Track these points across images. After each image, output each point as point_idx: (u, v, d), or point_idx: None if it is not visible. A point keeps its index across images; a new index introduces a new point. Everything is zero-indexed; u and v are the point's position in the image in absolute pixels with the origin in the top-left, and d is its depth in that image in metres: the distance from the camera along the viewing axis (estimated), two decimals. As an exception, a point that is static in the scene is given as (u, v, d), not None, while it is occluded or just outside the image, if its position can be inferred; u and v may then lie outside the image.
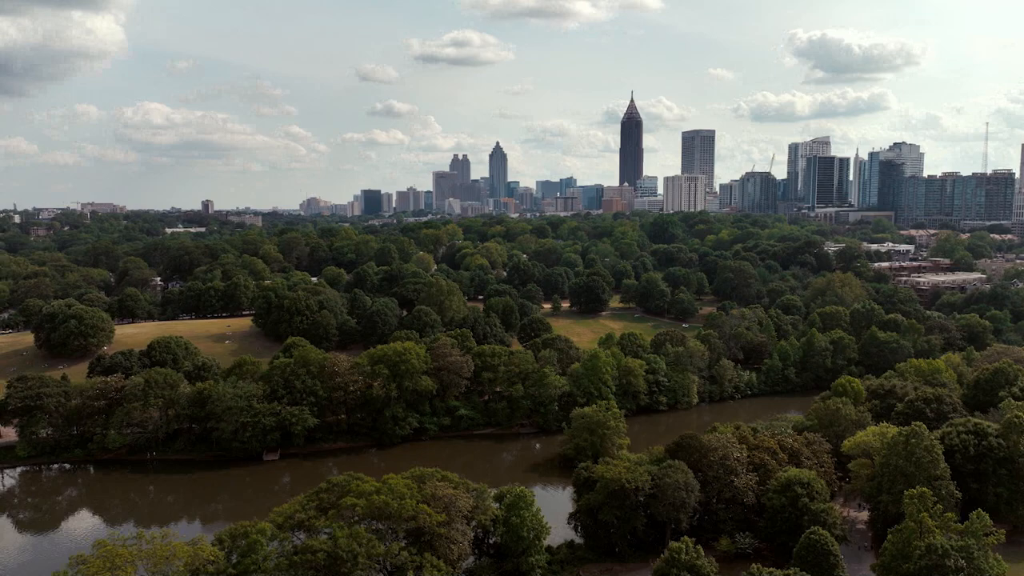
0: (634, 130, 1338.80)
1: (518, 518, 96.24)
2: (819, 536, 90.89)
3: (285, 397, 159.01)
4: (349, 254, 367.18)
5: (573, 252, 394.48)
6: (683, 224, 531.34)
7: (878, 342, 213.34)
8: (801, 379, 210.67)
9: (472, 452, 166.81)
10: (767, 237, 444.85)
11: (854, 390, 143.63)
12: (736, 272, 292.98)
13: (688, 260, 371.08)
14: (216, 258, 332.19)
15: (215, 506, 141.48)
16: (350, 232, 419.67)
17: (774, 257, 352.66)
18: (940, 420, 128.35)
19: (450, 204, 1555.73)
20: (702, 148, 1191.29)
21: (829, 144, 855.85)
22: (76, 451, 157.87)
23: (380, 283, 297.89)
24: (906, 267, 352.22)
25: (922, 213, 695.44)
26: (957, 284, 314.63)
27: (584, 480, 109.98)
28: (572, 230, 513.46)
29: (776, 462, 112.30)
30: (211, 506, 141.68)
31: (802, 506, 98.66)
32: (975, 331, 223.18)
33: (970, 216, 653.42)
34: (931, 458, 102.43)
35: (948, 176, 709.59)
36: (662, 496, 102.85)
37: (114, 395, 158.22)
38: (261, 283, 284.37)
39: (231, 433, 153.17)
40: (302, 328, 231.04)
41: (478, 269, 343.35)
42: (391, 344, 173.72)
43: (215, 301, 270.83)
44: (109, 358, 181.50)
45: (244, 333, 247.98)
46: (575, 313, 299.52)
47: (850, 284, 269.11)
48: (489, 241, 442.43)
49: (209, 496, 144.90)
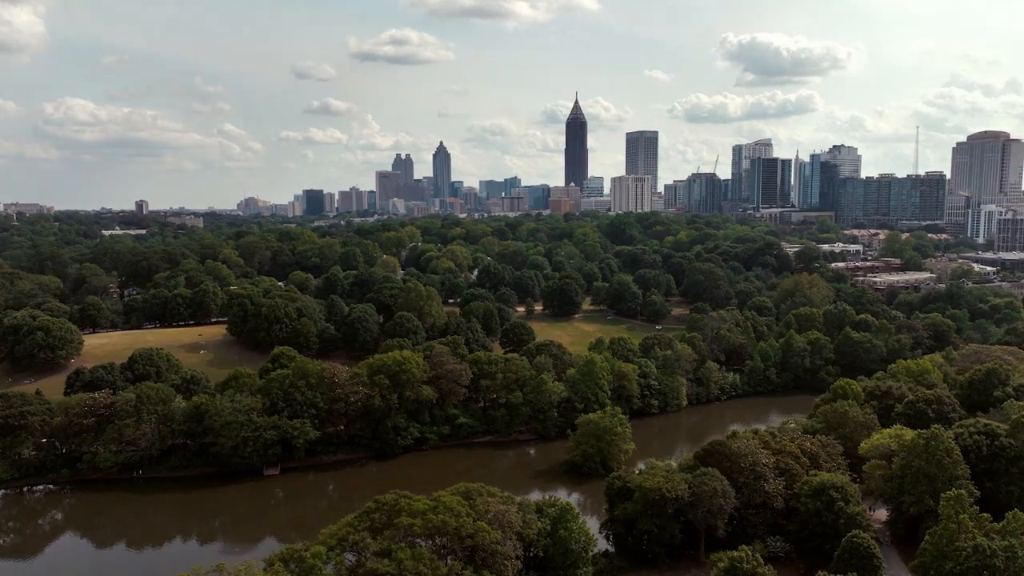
0: (579, 131, 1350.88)
1: (566, 531, 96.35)
2: (861, 539, 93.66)
3: (285, 410, 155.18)
4: (313, 258, 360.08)
5: (538, 254, 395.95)
6: (638, 225, 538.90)
7: (852, 342, 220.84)
8: (781, 379, 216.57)
9: (475, 461, 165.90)
10: (723, 238, 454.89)
11: (853, 392, 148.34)
12: (706, 274, 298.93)
13: (652, 262, 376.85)
14: (177, 264, 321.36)
15: (225, 525, 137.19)
16: (312, 236, 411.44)
17: (736, 258, 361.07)
18: (941, 420, 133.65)
19: (394, 204, 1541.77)
20: (646, 149, 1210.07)
21: (771, 146, 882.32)
22: (63, 471, 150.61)
23: (351, 288, 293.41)
24: (861, 267, 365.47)
25: (861, 213, 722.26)
26: (911, 284, 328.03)
27: (618, 489, 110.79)
28: (531, 231, 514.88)
29: (799, 466, 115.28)
30: (220, 524, 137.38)
31: (838, 510, 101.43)
32: (940, 330, 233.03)
33: (906, 216, 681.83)
34: (951, 459, 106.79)
35: (884, 177, 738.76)
36: (700, 504, 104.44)
37: (103, 412, 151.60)
38: (229, 290, 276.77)
39: (231, 449, 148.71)
40: (281, 336, 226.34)
41: (447, 272, 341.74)
42: (390, 353, 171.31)
43: (182, 309, 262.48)
44: (89, 372, 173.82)
45: (218, 342, 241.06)
46: (548, 316, 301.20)
47: (817, 285, 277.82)
48: (452, 244, 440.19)
49: (213, 514, 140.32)
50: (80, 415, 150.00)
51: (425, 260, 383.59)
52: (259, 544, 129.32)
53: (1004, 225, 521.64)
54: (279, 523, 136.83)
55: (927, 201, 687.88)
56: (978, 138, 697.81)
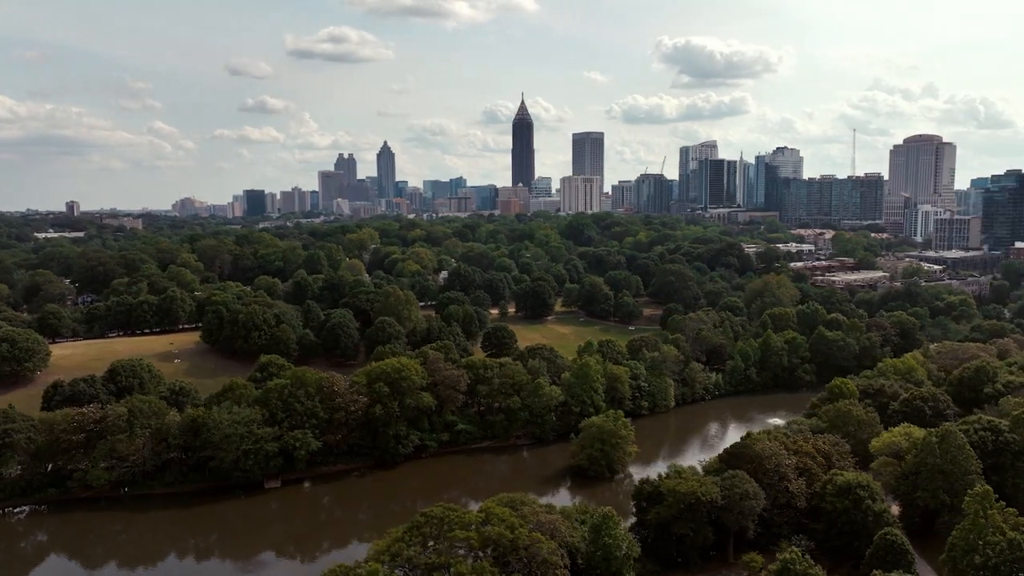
0: (525, 131, 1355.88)
1: (610, 538, 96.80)
2: (895, 536, 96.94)
3: (285, 421, 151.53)
4: (276, 262, 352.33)
5: (502, 256, 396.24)
6: (595, 226, 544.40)
7: (826, 341, 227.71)
8: (761, 378, 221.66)
9: (477, 467, 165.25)
10: (682, 238, 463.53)
11: (849, 391, 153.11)
12: (677, 275, 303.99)
13: (616, 263, 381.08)
14: (136, 269, 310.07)
15: (227, 540, 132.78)
16: (273, 239, 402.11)
17: (699, 259, 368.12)
18: (937, 417, 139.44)
19: (338, 204, 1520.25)
20: (592, 150, 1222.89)
21: (716, 148, 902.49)
22: (49, 491, 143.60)
23: (321, 293, 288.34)
24: (819, 267, 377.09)
25: (804, 213, 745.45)
26: (867, 282, 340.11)
27: (648, 494, 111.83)
28: (491, 233, 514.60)
29: (816, 466, 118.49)
30: (221, 540, 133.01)
31: (866, 508, 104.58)
32: (905, 328, 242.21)
33: (847, 216, 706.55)
34: (965, 455, 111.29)
35: (825, 178, 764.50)
36: (732, 506, 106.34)
37: (92, 427, 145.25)
38: (199, 296, 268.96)
39: (231, 462, 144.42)
40: (260, 344, 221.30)
41: (416, 275, 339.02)
42: (388, 360, 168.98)
43: (149, 316, 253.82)
44: (69, 386, 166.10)
45: (191, 350, 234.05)
46: (521, 318, 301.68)
47: (785, 285, 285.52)
48: (413, 245, 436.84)
49: (212, 530, 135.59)
50: (68, 431, 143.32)
51: (390, 263, 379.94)
52: (264, 561, 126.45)
53: (941, 224, 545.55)
54: (286, 538, 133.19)
55: (867, 201, 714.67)
56: (913, 141, 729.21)
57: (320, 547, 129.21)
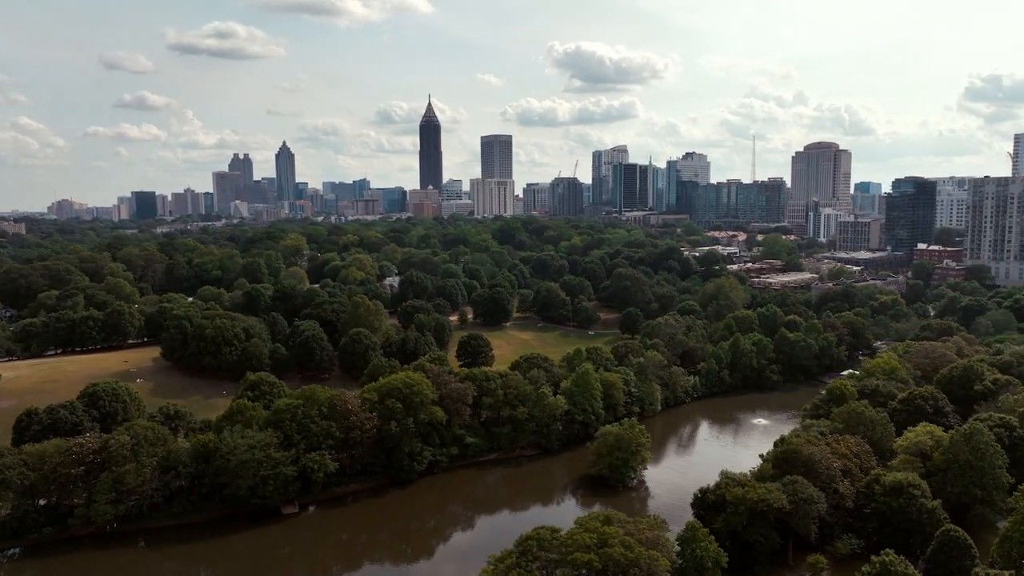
0: (432, 133, 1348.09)
1: (701, 549, 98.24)
2: (957, 533, 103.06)
3: (302, 443, 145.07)
4: (214, 271, 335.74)
5: (445, 262, 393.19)
6: (524, 230, 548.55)
7: (789, 342, 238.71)
8: (733, 379, 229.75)
9: (491, 481, 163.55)
10: (615, 242, 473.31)
11: (848, 391, 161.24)
12: (632, 280, 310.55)
13: (559, 267, 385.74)
14: (64, 281, 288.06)
15: (255, 573, 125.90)
16: (209, 248, 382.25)
17: (642, 263, 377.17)
18: (938, 415, 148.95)
19: (236, 207, 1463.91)
20: (501, 152, 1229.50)
21: (627, 152, 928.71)
22: (45, 530, 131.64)
23: (273, 303, 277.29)
24: (753, 269, 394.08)
25: (714, 215, 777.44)
26: (801, 284, 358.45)
27: (711, 503, 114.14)
28: (423, 238, 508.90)
29: (855, 466, 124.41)
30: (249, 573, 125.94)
31: (920, 506, 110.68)
32: (855, 327, 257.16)
33: (754, 218, 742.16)
34: (993, 451, 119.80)
35: (732, 183, 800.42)
36: (798, 511, 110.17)
37: (93, 458, 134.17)
38: (143, 310, 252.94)
39: (248, 489, 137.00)
40: (231, 360, 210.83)
41: (364, 284, 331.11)
42: (398, 374, 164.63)
43: (94, 333, 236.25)
44: (46, 414, 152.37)
45: (151, 368, 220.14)
46: (480, 325, 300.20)
47: (736, 288, 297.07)
48: (349, 252, 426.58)
49: (238, 561, 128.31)
50: (67, 464, 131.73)
51: (330, 270, 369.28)
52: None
53: (844, 227, 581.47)
54: (321, 568, 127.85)
55: (771, 205, 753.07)
56: (813, 148, 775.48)
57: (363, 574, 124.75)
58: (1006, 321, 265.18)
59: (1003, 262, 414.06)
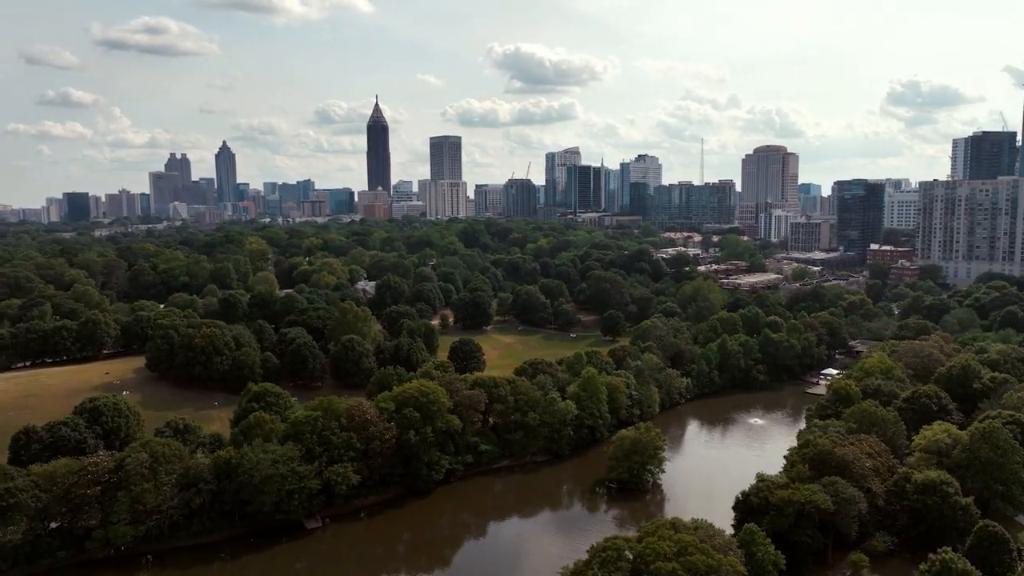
0: (381, 133, 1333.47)
1: (762, 552, 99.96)
2: (995, 528, 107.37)
3: (324, 455, 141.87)
4: (182, 277, 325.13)
5: (413, 264, 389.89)
6: (487, 232, 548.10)
7: (773, 342, 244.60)
8: (722, 380, 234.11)
9: (508, 488, 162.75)
10: (580, 244, 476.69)
11: (853, 392, 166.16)
12: (612, 282, 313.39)
13: (531, 270, 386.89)
14: (25, 290, 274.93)
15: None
16: (175, 253, 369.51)
17: (613, 265, 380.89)
18: (943, 413, 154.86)
19: (175, 208, 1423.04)
20: (451, 154, 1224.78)
21: (579, 154, 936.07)
22: (60, 554, 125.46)
23: (251, 310, 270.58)
24: (720, 270, 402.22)
25: (667, 216, 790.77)
26: (769, 284, 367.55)
27: (755, 505, 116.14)
28: (386, 240, 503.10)
29: (881, 465, 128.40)
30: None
31: (954, 503, 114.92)
32: (832, 327, 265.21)
33: (706, 219, 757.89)
34: (1012, 447, 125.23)
35: (683, 184, 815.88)
36: (840, 511, 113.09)
37: (108, 477, 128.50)
38: (118, 319, 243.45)
39: (273, 504, 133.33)
40: (222, 370, 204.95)
41: (338, 289, 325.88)
42: (412, 383, 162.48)
43: (69, 343, 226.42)
44: (46, 432, 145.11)
45: (135, 380, 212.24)
46: (461, 329, 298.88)
47: (714, 290, 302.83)
48: (314, 255, 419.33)
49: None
50: (82, 484, 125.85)
51: (300, 275, 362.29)
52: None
53: (796, 228, 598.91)
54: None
55: (722, 206, 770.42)
56: (763, 151, 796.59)
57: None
58: (970, 319, 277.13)
59: (952, 262, 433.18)
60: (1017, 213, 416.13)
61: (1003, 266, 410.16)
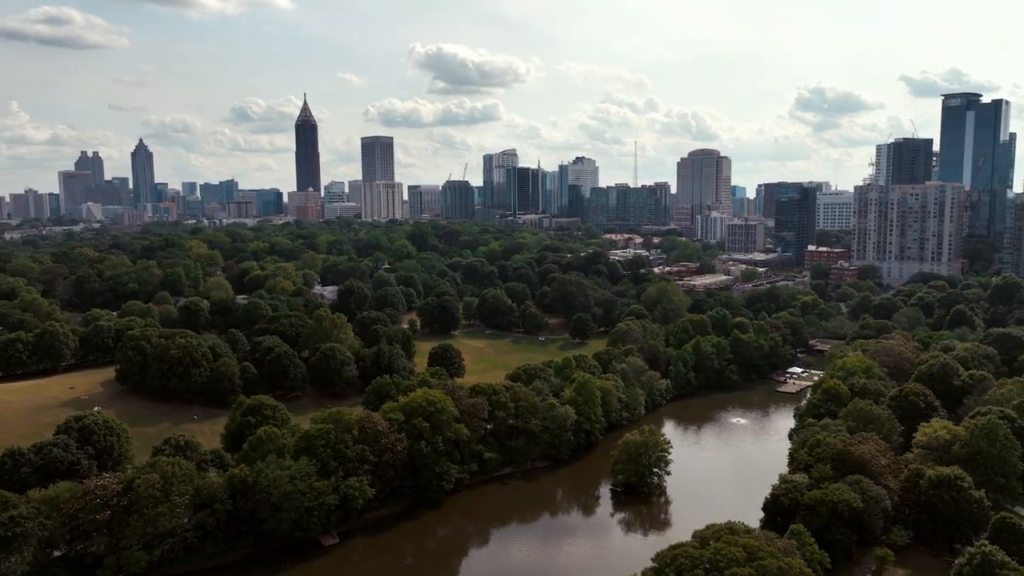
0: (310, 133, 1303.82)
1: (809, 552, 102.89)
2: (1012, 519, 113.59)
3: (340, 469, 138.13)
4: (131, 284, 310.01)
5: (368, 268, 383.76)
6: (435, 234, 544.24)
7: (743, 343, 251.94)
8: (698, 381, 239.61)
9: (515, 495, 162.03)
10: (531, 247, 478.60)
11: (844, 392, 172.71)
12: (577, 285, 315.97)
13: (489, 273, 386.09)
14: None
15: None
16: (121, 259, 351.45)
17: (571, 267, 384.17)
18: (929, 409, 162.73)
19: (89, 209, 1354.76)
20: (383, 155, 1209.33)
21: (516, 156, 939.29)
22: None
23: (213, 317, 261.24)
24: (673, 272, 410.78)
25: (605, 218, 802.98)
26: (721, 285, 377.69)
27: (787, 506, 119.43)
28: (333, 243, 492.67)
29: (890, 462, 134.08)
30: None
31: (969, 497, 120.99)
32: (795, 327, 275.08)
33: (643, 221, 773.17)
34: (1011, 442, 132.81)
35: (621, 187, 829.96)
36: (868, 509, 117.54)
37: (117, 501, 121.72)
38: (76, 329, 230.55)
39: (292, 522, 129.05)
40: (200, 382, 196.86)
41: (298, 294, 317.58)
42: (418, 392, 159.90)
43: (25, 357, 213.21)
44: (35, 454, 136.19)
45: (104, 394, 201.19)
46: (429, 334, 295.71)
47: (677, 292, 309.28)
48: (264, 260, 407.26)
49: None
50: (90, 510, 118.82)
51: (253, 280, 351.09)
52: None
53: (734, 229, 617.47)
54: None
55: (659, 207, 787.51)
56: (697, 154, 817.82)
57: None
58: (917, 318, 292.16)
59: (886, 262, 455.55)
60: (944, 216, 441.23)
61: (932, 266, 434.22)
